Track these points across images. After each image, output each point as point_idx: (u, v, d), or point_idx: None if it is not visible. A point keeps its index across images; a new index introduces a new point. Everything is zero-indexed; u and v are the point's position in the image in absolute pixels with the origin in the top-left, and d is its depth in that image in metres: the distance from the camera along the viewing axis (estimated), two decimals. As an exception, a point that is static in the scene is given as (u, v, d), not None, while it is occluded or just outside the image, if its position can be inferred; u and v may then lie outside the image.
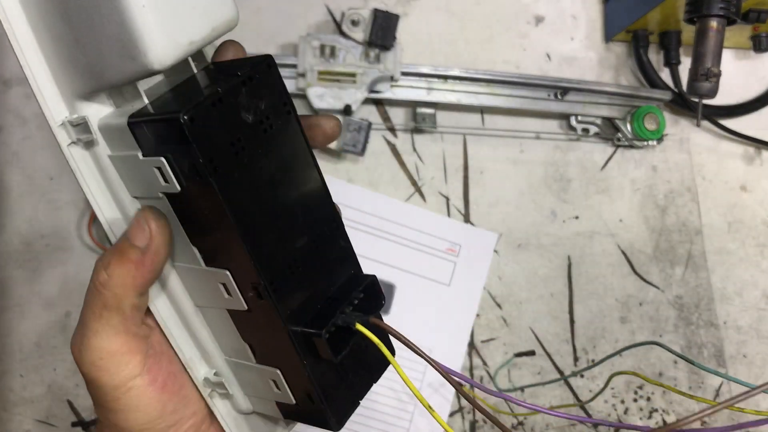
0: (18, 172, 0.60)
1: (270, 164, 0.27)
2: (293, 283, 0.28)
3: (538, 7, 0.69)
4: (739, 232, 0.69)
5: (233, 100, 0.26)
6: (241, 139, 0.26)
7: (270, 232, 0.27)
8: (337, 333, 0.29)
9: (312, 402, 0.30)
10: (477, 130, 0.66)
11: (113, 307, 0.28)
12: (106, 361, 0.28)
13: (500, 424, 0.28)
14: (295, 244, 0.28)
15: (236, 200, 0.26)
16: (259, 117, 0.27)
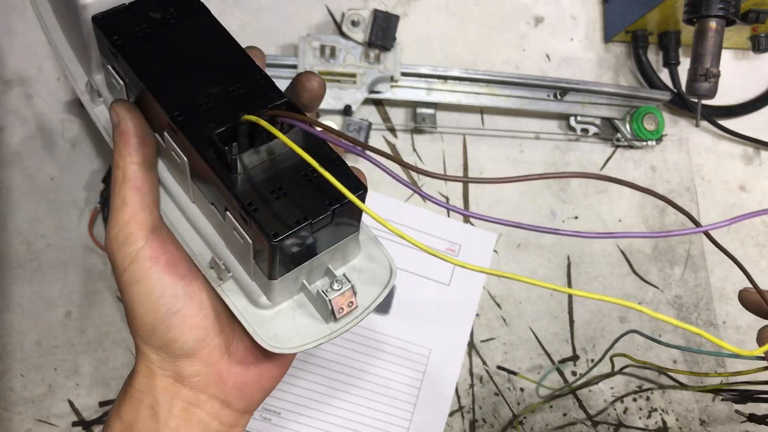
0: (19, 172, 0.60)
1: (179, 40, 0.33)
2: (205, 117, 0.31)
3: (537, 7, 0.69)
4: (738, 232, 0.69)
5: (141, 7, 0.33)
6: (146, 27, 0.33)
7: (178, 81, 0.32)
8: (249, 140, 0.30)
9: (247, 223, 0.30)
10: (477, 131, 0.66)
11: (120, 178, 0.33)
12: (116, 231, 0.33)
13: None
14: (209, 89, 0.32)
15: (140, 63, 0.32)
16: (167, 15, 0.33)
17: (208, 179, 0.31)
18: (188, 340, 0.33)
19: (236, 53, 0.33)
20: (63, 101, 0.61)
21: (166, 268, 0.33)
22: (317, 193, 0.31)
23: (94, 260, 0.59)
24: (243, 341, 0.35)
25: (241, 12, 0.64)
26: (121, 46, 0.32)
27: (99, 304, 0.59)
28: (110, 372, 0.59)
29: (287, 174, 0.31)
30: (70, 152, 0.60)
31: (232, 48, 0.33)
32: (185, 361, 0.33)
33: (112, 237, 0.33)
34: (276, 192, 0.30)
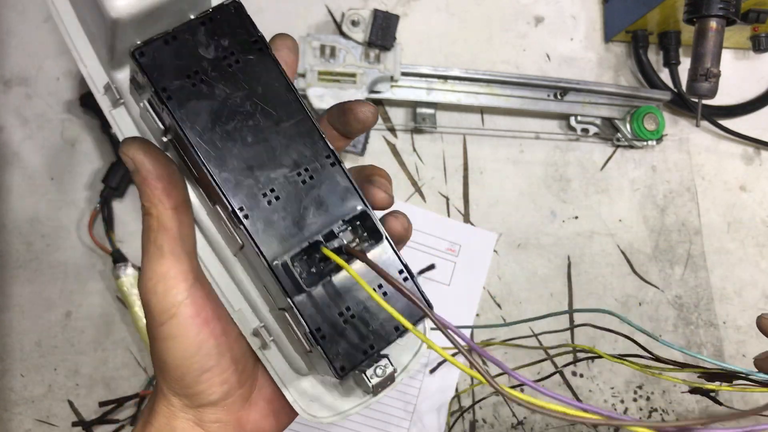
0: (19, 172, 0.60)
1: (236, 95, 0.28)
2: (271, 213, 0.28)
3: (537, 7, 0.69)
4: (738, 232, 0.69)
5: (189, 37, 0.28)
6: (198, 72, 0.28)
7: (237, 158, 0.28)
8: (315, 262, 0.29)
9: (313, 346, 0.29)
10: (477, 130, 0.66)
11: (154, 227, 0.30)
12: (155, 283, 0.30)
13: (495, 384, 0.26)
14: (272, 173, 0.29)
15: (194, 126, 0.28)
16: (222, 53, 0.28)
17: (268, 279, 0.29)
18: (215, 393, 0.32)
19: (299, 112, 0.30)
20: (63, 101, 0.61)
21: (204, 325, 0.31)
22: (386, 319, 0.30)
23: (94, 260, 0.59)
24: (264, 390, 0.35)
25: (241, 12, 0.64)
26: (171, 101, 0.27)
27: (99, 304, 0.59)
28: (110, 372, 0.58)
29: (354, 292, 0.29)
30: (70, 152, 0.60)
31: (296, 105, 0.29)
32: (208, 408, 0.33)
33: (149, 288, 0.30)
34: (343, 314, 0.29)
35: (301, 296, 0.28)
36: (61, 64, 0.61)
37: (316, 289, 0.28)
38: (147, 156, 0.30)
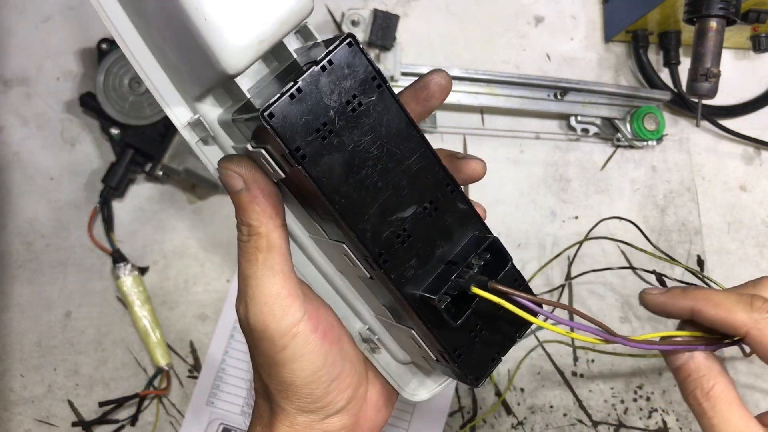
0: (18, 172, 0.60)
1: (363, 140, 0.28)
2: (406, 252, 0.29)
3: (537, 7, 0.69)
4: (738, 232, 0.69)
5: (313, 87, 0.27)
6: (326, 123, 0.27)
7: (371, 206, 0.28)
8: (457, 297, 0.30)
9: (447, 361, 0.31)
10: (477, 130, 0.66)
11: (263, 246, 0.30)
12: (271, 305, 0.30)
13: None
14: (403, 213, 0.29)
15: (329, 183, 0.27)
16: (345, 98, 0.28)
17: (398, 303, 0.31)
18: (342, 399, 0.33)
19: (419, 145, 0.30)
20: (63, 101, 0.61)
21: (324, 336, 0.31)
22: (506, 323, 0.32)
23: (93, 260, 0.59)
24: (374, 385, 0.36)
25: (241, 12, 0.64)
26: (305, 160, 0.27)
27: (98, 304, 0.59)
28: (110, 372, 0.58)
29: (481, 308, 0.31)
30: (69, 152, 0.60)
31: (416, 140, 0.30)
32: (334, 417, 0.33)
33: (267, 312, 0.30)
34: (474, 331, 0.31)
35: (438, 322, 0.30)
36: (61, 64, 0.61)
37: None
38: (257, 174, 0.29)
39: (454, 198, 0.30)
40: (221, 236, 0.61)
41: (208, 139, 0.31)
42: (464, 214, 0.31)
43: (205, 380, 0.59)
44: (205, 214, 0.61)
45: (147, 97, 0.57)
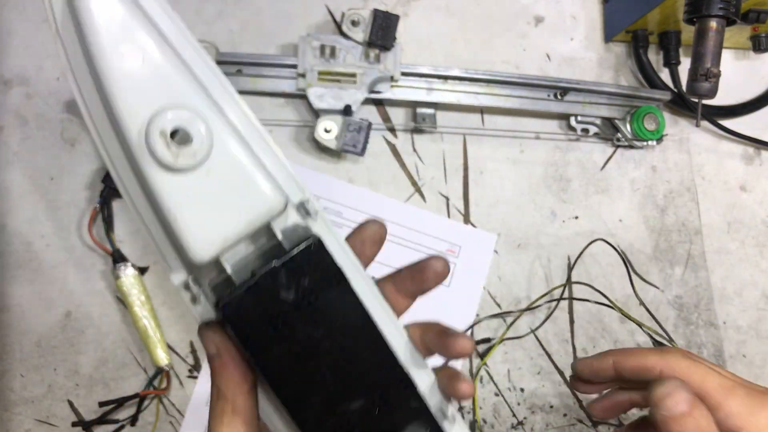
0: (18, 172, 0.60)
1: (317, 333, 0.30)
2: None
3: (537, 7, 0.69)
4: (738, 232, 0.69)
5: (271, 283, 0.29)
6: (279, 315, 0.29)
7: (317, 396, 0.30)
8: None
9: None
10: (477, 131, 0.66)
11: (228, 410, 0.31)
12: None
13: None
14: (350, 406, 0.30)
15: (277, 371, 0.29)
16: (302, 293, 0.30)
17: None
18: None
19: (378, 342, 0.31)
20: (63, 101, 0.61)
21: None
22: None
23: (93, 260, 0.59)
24: None
25: (241, 12, 0.64)
26: (255, 354, 0.29)
27: (99, 304, 0.59)
28: (110, 372, 0.58)
29: None
30: (70, 152, 0.60)
31: (371, 332, 0.31)
32: None
33: None
34: None
35: None
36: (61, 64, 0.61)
37: None
38: (229, 343, 0.31)
39: (409, 396, 0.31)
40: (221, 236, 0.61)
41: (200, 298, 0.32)
42: (417, 414, 0.31)
43: (205, 380, 0.59)
44: (205, 214, 0.61)
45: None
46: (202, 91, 0.31)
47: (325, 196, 0.62)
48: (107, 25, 0.29)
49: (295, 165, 0.62)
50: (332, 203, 0.62)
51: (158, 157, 0.28)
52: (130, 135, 0.29)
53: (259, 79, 0.61)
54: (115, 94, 0.29)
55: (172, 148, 0.28)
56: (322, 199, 0.62)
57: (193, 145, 0.29)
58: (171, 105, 0.29)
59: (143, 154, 0.29)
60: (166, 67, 0.29)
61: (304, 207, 0.33)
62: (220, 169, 0.29)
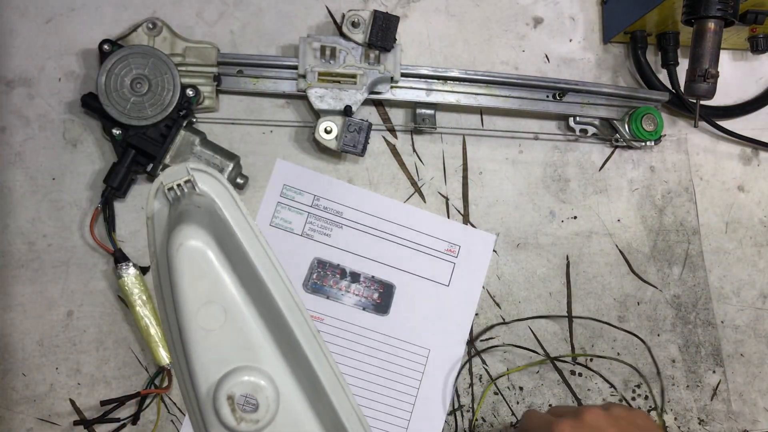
0: (21, 172, 0.60)
1: None
2: None
3: (536, 8, 0.69)
4: (736, 232, 0.69)
5: None
6: None
7: None
8: None
9: None
10: (476, 131, 0.66)
11: None
12: None
13: None
14: None
15: None
16: None
17: None
18: None
19: None
20: (65, 101, 0.61)
21: None
22: None
23: (95, 260, 0.60)
24: None
25: (241, 13, 0.64)
26: None
27: (100, 303, 0.59)
28: (112, 371, 0.59)
29: None
30: (71, 152, 0.61)
31: None
32: None
33: None
34: None
35: None
36: (63, 64, 0.61)
37: None
38: None
39: None
40: (222, 236, 0.61)
41: None
42: None
43: None
44: (206, 214, 0.61)
45: (148, 98, 0.57)
46: (278, 347, 0.30)
47: (325, 196, 0.62)
48: (195, 285, 0.29)
49: (294, 165, 0.62)
50: (333, 203, 0.62)
51: (222, 419, 0.29)
52: (199, 390, 0.30)
53: (260, 79, 0.61)
54: (192, 350, 0.29)
55: (237, 413, 0.29)
56: (322, 199, 0.62)
57: (259, 412, 0.29)
58: (244, 368, 0.29)
59: (210, 411, 0.30)
60: (245, 327, 0.29)
61: None
62: (282, 430, 0.30)
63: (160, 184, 0.31)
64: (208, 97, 0.61)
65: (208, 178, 0.32)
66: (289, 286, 0.31)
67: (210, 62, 0.60)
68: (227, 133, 0.62)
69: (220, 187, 0.32)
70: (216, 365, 0.29)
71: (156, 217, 0.32)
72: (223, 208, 0.31)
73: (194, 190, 0.31)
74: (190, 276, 0.29)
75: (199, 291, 0.29)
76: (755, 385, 0.67)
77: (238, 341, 0.29)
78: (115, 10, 0.62)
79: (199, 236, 0.29)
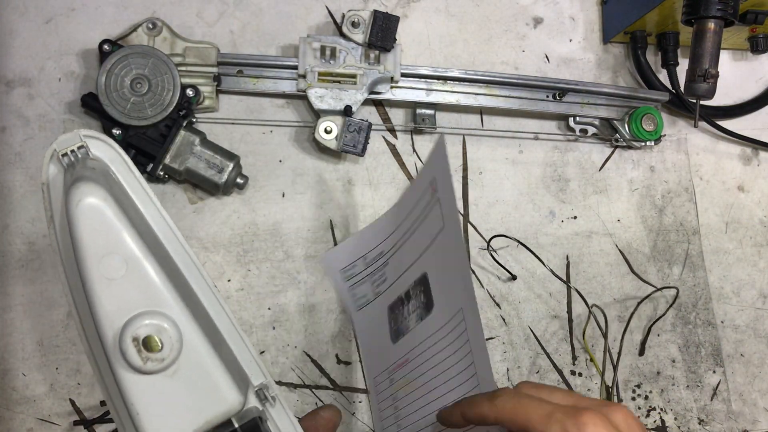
0: (20, 172, 0.60)
1: None
2: None
3: (536, 8, 0.69)
4: (736, 231, 0.69)
5: None
6: None
7: None
8: None
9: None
10: (476, 131, 0.66)
11: None
12: None
13: None
14: None
15: None
16: None
17: None
18: None
19: None
20: (65, 102, 0.61)
21: None
22: None
23: (95, 260, 0.59)
24: None
25: (241, 13, 0.64)
26: None
27: (100, 303, 0.59)
28: (111, 371, 0.59)
29: None
30: (71, 152, 0.61)
31: None
32: None
33: None
34: None
35: None
36: (63, 64, 0.61)
37: None
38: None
39: None
40: (222, 236, 0.61)
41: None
42: None
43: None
44: (206, 214, 0.61)
45: (148, 98, 0.57)
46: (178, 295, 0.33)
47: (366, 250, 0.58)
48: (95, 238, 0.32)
49: (333, 250, 0.62)
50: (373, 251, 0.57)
51: (129, 361, 0.32)
52: (105, 336, 0.32)
53: (260, 80, 0.61)
54: (95, 300, 0.32)
55: (143, 353, 0.32)
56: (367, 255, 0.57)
57: (163, 351, 0.32)
58: (146, 312, 0.32)
59: (116, 356, 0.32)
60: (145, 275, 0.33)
61: (264, 392, 0.36)
62: (186, 370, 0.33)
63: (53, 150, 0.34)
64: (208, 97, 0.61)
65: (101, 144, 0.35)
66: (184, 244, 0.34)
67: (210, 62, 0.60)
68: (227, 133, 0.62)
69: (113, 153, 0.35)
70: (120, 312, 0.32)
71: (51, 183, 0.35)
72: (117, 172, 0.34)
73: (87, 156, 0.33)
74: (90, 229, 0.32)
75: (99, 244, 0.32)
76: (755, 385, 0.67)
77: (140, 289, 0.32)
78: (115, 10, 0.62)
79: (96, 193, 0.32)
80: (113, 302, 0.32)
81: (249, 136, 0.63)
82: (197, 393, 0.33)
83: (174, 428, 0.33)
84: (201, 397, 0.33)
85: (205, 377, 0.34)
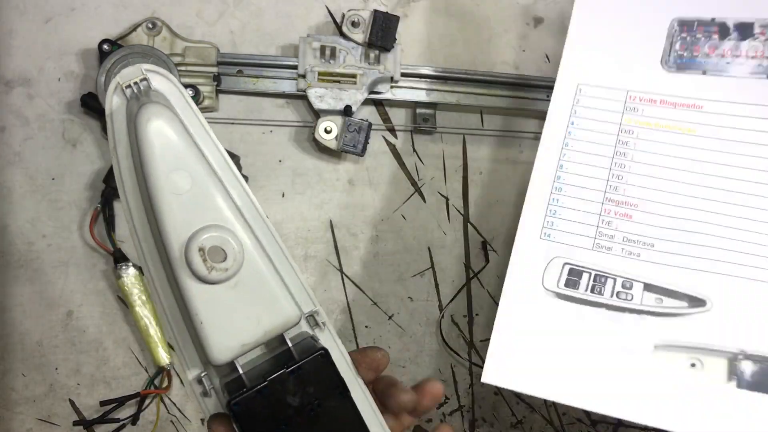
0: (20, 172, 0.60)
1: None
2: None
3: (537, 8, 0.69)
4: (736, 232, 0.69)
5: (279, 387, 0.34)
6: (284, 418, 0.34)
7: None
8: None
9: None
10: (476, 131, 0.66)
11: None
12: None
13: None
14: None
15: None
16: (307, 399, 0.34)
17: None
18: None
19: None
20: (64, 101, 0.61)
21: None
22: None
23: (95, 260, 0.59)
24: None
25: (241, 13, 0.64)
26: None
27: (100, 303, 0.59)
28: (111, 371, 0.59)
29: None
30: (71, 152, 0.61)
31: None
32: None
33: None
34: None
35: None
36: (63, 64, 0.61)
37: None
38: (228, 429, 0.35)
39: None
40: (222, 236, 0.61)
41: (210, 392, 0.37)
42: None
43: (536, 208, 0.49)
44: (206, 214, 0.61)
45: (148, 98, 0.57)
46: (238, 213, 0.35)
47: None
48: (164, 154, 0.34)
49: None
50: None
51: (194, 270, 0.34)
52: (171, 248, 0.34)
53: (260, 79, 0.61)
54: (164, 212, 0.34)
55: (208, 263, 0.34)
56: None
57: (227, 262, 0.34)
58: (211, 225, 0.34)
59: (182, 266, 0.34)
60: (209, 192, 0.35)
61: (314, 318, 0.38)
62: (247, 283, 0.35)
63: (117, 83, 0.36)
64: (208, 97, 0.61)
65: (162, 78, 0.37)
66: (237, 175, 0.37)
67: (210, 62, 0.60)
68: (227, 133, 0.62)
69: (172, 87, 0.37)
70: (186, 225, 0.34)
71: (115, 114, 0.36)
72: (176, 105, 0.36)
73: (149, 88, 0.36)
74: (159, 146, 0.34)
75: (167, 160, 0.34)
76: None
77: (204, 205, 0.34)
78: (114, 10, 0.62)
79: (164, 114, 0.34)
80: (180, 215, 0.34)
81: (249, 135, 0.63)
82: (257, 305, 0.35)
83: (234, 337, 0.34)
84: (261, 309, 0.35)
85: (264, 290, 0.35)
